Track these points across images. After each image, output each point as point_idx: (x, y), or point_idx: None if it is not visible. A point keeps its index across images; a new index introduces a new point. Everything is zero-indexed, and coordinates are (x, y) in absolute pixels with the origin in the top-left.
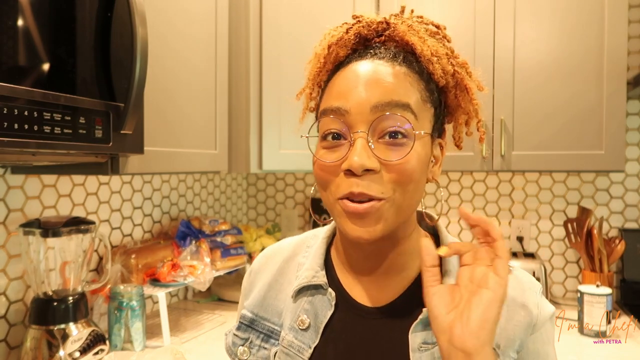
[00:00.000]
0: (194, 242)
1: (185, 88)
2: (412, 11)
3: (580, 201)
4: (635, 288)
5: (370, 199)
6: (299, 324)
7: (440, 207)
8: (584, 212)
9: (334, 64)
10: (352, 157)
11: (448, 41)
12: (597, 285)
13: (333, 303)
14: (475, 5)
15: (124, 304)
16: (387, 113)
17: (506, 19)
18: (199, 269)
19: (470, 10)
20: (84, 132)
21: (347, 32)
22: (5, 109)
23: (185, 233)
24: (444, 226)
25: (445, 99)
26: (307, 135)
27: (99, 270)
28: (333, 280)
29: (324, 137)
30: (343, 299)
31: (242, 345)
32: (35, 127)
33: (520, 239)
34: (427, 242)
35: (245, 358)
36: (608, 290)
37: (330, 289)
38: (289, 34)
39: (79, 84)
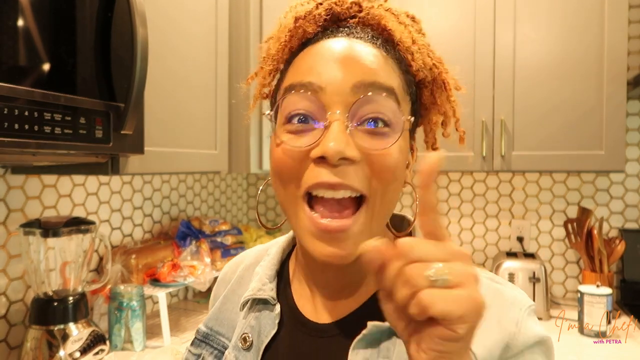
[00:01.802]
0: (194, 242)
1: (185, 87)
2: None
3: (580, 201)
4: (635, 288)
5: (343, 208)
6: (241, 342)
7: (413, 215)
8: (584, 213)
9: (301, 40)
10: (327, 142)
11: (423, 35)
12: (597, 286)
13: (277, 322)
14: (475, 5)
15: (124, 304)
16: (370, 94)
17: (506, 19)
18: (199, 269)
19: (470, 10)
20: (84, 132)
21: (317, 8)
22: (6, 109)
23: (185, 233)
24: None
25: (420, 95)
26: (271, 112)
27: (99, 270)
28: (285, 293)
29: (288, 120)
30: (291, 315)
31: None
32: (36, 127)
33: (520, 239)
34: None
35: None
36: (608, 291)
37: (277, 305)
38: None
39: (79, 84)
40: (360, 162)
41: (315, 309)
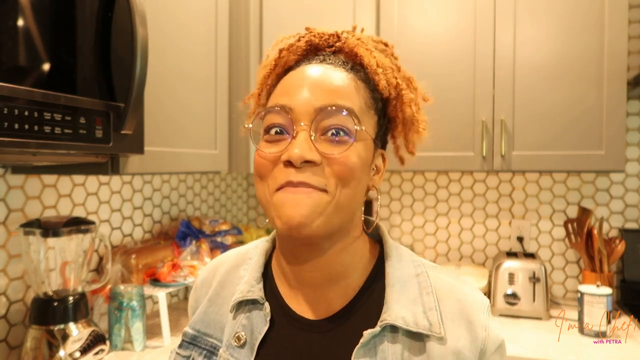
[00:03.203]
0: (194, 242)
1: (185, 86)
2: (363, 30)
3: (580, 201)
4: (635, 288)
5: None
6: (235, 340)
7: (376, 216)
8: (584, 213)
9: (284, 68)
10: (293, 148)
11: (395, 58)
12: (597, 286)
13: (268, 319)
14: (475, 5)
15: (124, 304)
16: (332, 108)
17: (506, 19)
18: (199, 269)
19: (470, 10)
20: (84, 132)
21: (298, 40)
22: (6, 109)
23: (185, 233)
24: (388, 231)
25: (387, 110)
26: (251, 125)
27: (99, 270)
28: (273, 292)
29: (267, 131)
30: (283, 313)
31: None
32: (36, 127)
33: (520, 239)
34: None
35: None
36: (608, 291)
37: (266, 304)
38: (289, 27)
39: (79, 84)
40: (321, 164)
41: (303, 305)
